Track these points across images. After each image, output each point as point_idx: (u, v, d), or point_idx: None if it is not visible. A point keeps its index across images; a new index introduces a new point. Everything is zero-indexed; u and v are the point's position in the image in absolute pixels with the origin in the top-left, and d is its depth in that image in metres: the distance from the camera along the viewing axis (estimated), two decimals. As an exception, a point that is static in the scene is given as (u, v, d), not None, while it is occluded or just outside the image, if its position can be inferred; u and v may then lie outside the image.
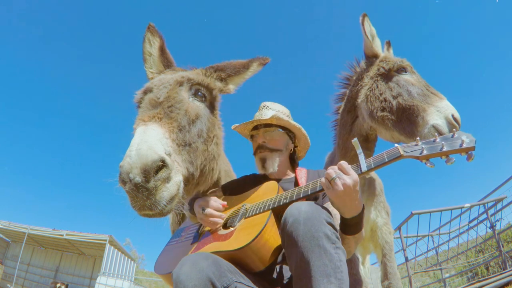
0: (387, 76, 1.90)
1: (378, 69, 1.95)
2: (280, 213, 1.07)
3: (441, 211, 6.00)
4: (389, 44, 2.20)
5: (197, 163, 1.24)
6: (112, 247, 13.77)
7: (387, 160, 1.02)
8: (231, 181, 1.64)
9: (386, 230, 2.32)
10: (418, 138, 1.05)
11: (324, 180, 1.05)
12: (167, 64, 1.58)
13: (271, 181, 1.41)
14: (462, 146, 0.95)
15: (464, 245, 7.11)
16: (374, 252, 2.48)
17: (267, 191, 1.33)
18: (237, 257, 1.06)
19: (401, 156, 1.01)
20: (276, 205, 1.16)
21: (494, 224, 5.88)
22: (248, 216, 1.21)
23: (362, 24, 1.96)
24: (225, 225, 1.28)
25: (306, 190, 1.15)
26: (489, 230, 6.19)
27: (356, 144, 1.08)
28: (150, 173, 0.96)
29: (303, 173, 1.46)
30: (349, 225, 1.08)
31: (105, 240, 13.09)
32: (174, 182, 1.06)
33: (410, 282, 5.97)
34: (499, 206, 5.89)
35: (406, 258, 6.05)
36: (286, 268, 1.22)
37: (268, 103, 1.63)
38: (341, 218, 1.09)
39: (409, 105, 1.71)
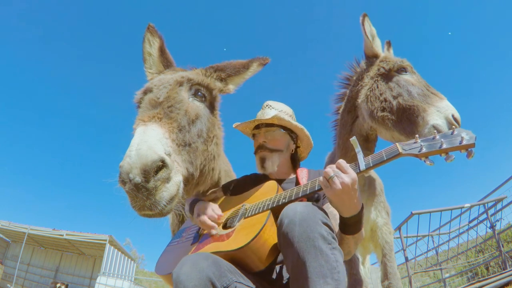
0: (387, 76, 1.90)
1: (378, 69, 1.95)
2: (279, 213, 1.07)
3: (441, 211, 6.00)
4: (389, 44, 2.20)
5: (197, 163, 1.24)
6: (112, 247, 13.77)
7: (386, 158, 1.00)
8: (232, 180, 1.63)
9: (386, 230, 2.31)
10: (417, 135, 1.02)
11: (322, 179, 1.04)
12: (167, 64, 1.58)
13: (271, 181, 1.40)
14: (461, 143, 0.93)
15: (464, 245, 7.11)
16: (374, 252, 2.48)
17: (267, 191, 1.32)
18: (236, 257, 1.05)
19: (400, 154, 0.99)
20: (275, 205, 1.16)
21: (494, 224, 5.88)
22: (247, 216, 1.21)
23: (362, 24, 1.96)
24: (225, 225, 1.28)
25: (305, 189, 1.14)
26: (489, 230, 6.18)
27: (354, 142, 1.07)
28: (150, 173, 0.96)
29: (304, 173, 1.46)
30: (348, 225, 1.07)
31: (105, 240, 13.09)
32: (174, 182, 1.06)
33: (410, 282, 5.97)
34: (499, 206, 5.89)
35: (406, 258, 6.05)
36: (285, 268, 1.22)
37: (271, 102, 1.61)
38: (340, 217, 1.08)
39: (409, 105, 1.71)
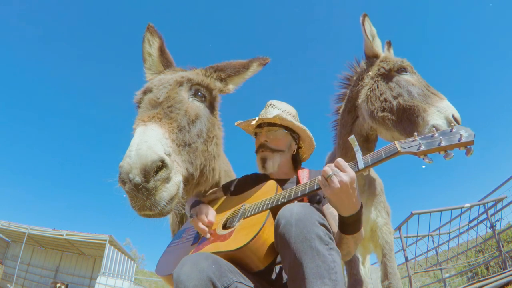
0: (387, 76, 1.90)
1: (379, 69, 1.94)
2: None
3: (441, 211, 6.00)
4: (389, 44, 2.20)
5: (196, 163, 1.24)
6: (112, 247, 13.77)
7: (385, 157, 1.00)
8: (232, 180, 1.63)
9: (386, 230, 2.31)
10: (415, 133, 1.02)
11: (320, 177, 1.04)
12: (166, 64, 1.57)
13: (270, 180, 1.39)
14: (460, 141, 0.93)
15: (464, 245, 7.11)
16: (374, 252, 2.48)
17: (266, 191, 1.32)
18: (236, 257, 1.05)
19: (399, 153, 0.99)
20: (274, 205, 1.15)
21: (494, 224, 5.88)
22: (247, 216, 1.20)
23: (363, 24, 1.96)
24: (224, 225, 1.28)
25: (304, 188, 1.14)
26: (489, 230, 6.18)
27: (353, 141, 1.07)
28: (150, 173, 0.96)
29: (305, 174, 1.45)
30: (347, 224, 1.06)
31: (105, 240, 13.09)
32: (174, 182, 1.06)
33: (410, 282, 5.97)
34: (499, 206, 5.90)
35: (406, 258, 6.05)
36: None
37: (275, 102, 1.60)
38: (339, 216, 1.07)
39: (409, 106, 1.71)
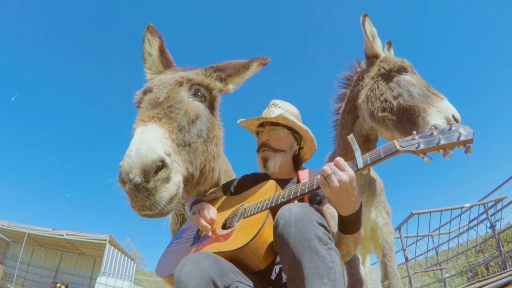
0: (387, 76, 1.90)
1: (379, 70, 1.94)
2: None
3: (441, 211, 6.00)
4: (389, 44, 2.20)
5: (196, 163, 1.24)
6: (112, 247, 13.77)
7: (384, 156, 0.99)
8: (231, 180, 1.63)
9: (386, 230, 2.31)
10: (414, 132, 1.02)
11: (320, 177, 1.03)
12: (166, 64, 1.58)
13: (270, 180, 1.39)
14: (459, 139, 0.93)
15: (464, 245, 7.11)
16: (374, 252, 2.48)
17: (266, 191, 1.32)
18: (236, 257, 1.05)
19: (398, 151, 0.98)
20: (274, 204, 1.15)
21: (494, 224, 5.88)
22: (246, 216, 1.20)
23: (363, 25, 1.96)
24: (224, 225, 1.28)
25: (303, 188, 1.14)
26: (489, 230, 6.18)
27: (352, 140, 1.06)
28: (150, 173, 0.96)
29: (305, 174, 1.45)
30: (346, 223, 1.06)
31: (105, 240, 13.09)
32: (174, 182, 1.06)
33: (410, 282, 5.96)
34: (499, 206, 5.90)
35: (406, 258, 6.05)
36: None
37: (278, 101, 1.60)
38: (338, 216, 1.07)
39: (409, 106, 1.71)
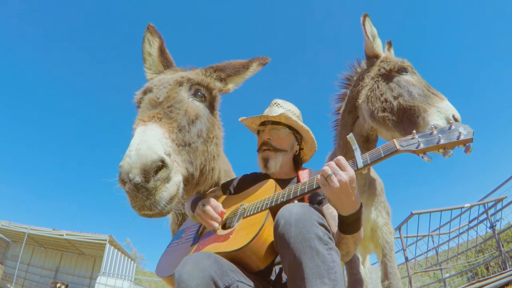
0: (388, 76, 1.90)
1: (379, 70, 1.94)
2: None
3: (441, 211, 6.00)
4: (390, 44, 2.20)
5: (196, 163, 1.24)
6: (112, 247, 13.76)
7: (384, 155, 0.99)
8: (231, 180, 1.62)
9: (386, 230, 2.31)
10: (414, 131, 1.01)
11: (320, 177, 1.03)
12: (166, 64, 1.57)
13: (269, 180, 1.38)
14: (459, 138, 0.92)
15: (464, 245, 7.11)
16: (374, 252, 2.48)
17: (265, 190, 1.31)
18: (237, 257, 1.05)
19: (398, 151, 0.98)
20: (274, 204, 1.15)
21: (494, 224, 5.88)
22: (246, 215, 1.20)
23: (363, 25, 1.96)
24: (224, 225, 1.28)
25: (303, 188, 1.13)
26: (489, 230, 6.18)
27: (351, 139, 1.06)
28: (150, 173, 0.96)
29: (305, 174, 1.45)
30: (346, 223, 1.06)
31: (105, 240, 13.09)
32: (174, 182, 1.05)
33: (410, 282, 5.96)
34: (499, 206, 5.90)
35: (406, 258, 6.05)
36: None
37: (280, 101, 1.60)
38: (338, 216, 1.07)
39: (410, 106, 1.71)
